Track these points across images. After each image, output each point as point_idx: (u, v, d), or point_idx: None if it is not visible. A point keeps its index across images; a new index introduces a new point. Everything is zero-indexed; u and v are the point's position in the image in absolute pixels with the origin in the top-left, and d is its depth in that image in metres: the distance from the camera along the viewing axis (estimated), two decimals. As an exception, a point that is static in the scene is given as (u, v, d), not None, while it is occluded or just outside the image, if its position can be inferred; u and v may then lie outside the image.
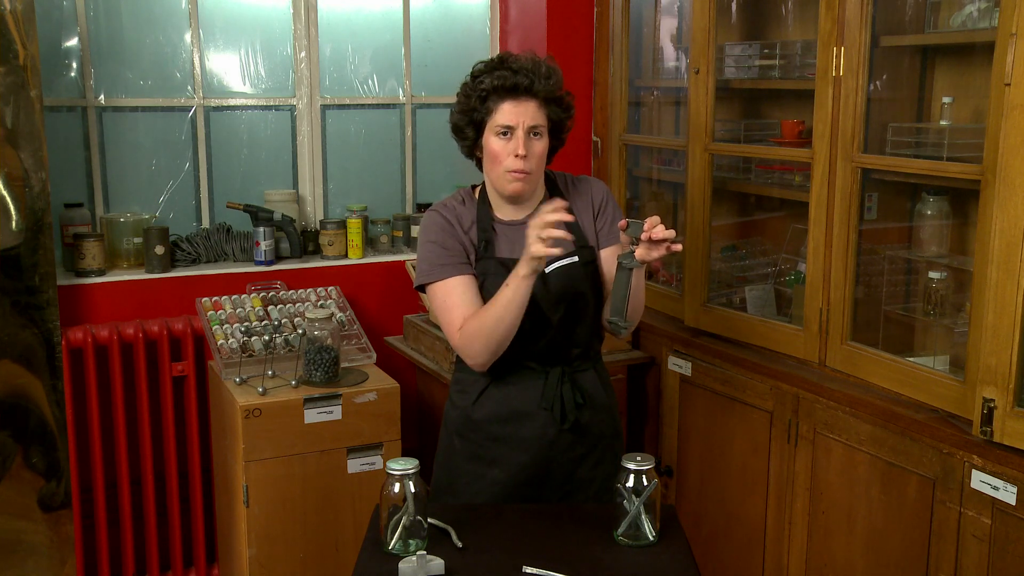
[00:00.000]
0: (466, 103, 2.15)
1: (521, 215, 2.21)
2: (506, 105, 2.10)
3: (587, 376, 2.25)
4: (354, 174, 3.79)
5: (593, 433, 2.24)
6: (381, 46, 3.77)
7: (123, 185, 3.44)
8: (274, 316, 3.19)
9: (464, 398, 2.24)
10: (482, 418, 2.22)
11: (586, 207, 2.26)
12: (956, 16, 2.51)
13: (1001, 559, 2.20)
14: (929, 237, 2.69)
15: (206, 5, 3.48)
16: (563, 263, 2.17)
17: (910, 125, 2.70)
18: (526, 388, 2.19)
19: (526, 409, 2.19)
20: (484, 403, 2.22)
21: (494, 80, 2.10)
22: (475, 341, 2.09)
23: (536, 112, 2.12)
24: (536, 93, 2.11)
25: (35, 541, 2.99)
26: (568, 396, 2.19)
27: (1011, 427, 2.16)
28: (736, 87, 3.29)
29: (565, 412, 2.18)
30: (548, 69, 2.15)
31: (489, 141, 2.14)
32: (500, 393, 2.20)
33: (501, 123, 2.10)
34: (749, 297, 3.14)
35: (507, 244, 2.20)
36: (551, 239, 1.93)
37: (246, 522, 2.81)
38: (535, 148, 2.13)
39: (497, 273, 2.14)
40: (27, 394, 2.93)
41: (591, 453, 2.25)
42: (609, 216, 2.26)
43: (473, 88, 2.13)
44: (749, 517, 2.94)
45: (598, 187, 2.30)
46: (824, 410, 2.65)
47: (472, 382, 2.23)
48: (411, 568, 1.76)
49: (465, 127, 2.18)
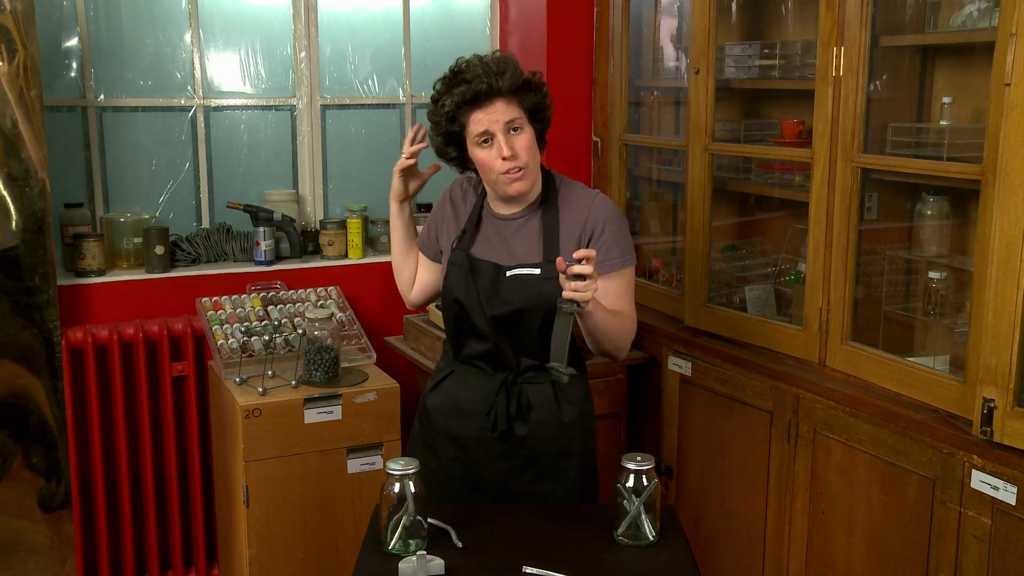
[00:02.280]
0: (438, 127, 2.14)
1: (515, 209, 2.19)
2: (475, 115, 2.07)
3: (538, 389, 2.18)
4: (354, 174, 3.79)
5: (532, 448, 2.19)
6: (381, 46, 3.78)
7: (123, 185, 3.45)
8: (274, 316, 3.19)
9: (429, 385, 2.31)
10: (432, 407, 2.27)
11: (575, 224, 2.15)
12: (956, 16, 2.51)
13: (1001, 559, 2.20)
14: (929, 237, 2.69)
15: (206, 5, 3.48)
16: (523, 271, 2.13)
17: (910, 125, 2.70)
18: (473, 388, 2.20)
19: (468, 408, 2.20)
20: (437, 393, 2.27)
21: (454, 98, 2.07)
22: (403, 286, 2.41)
23: (506, 108, 2.08)
24: (499, 91, 2.07)
25: (35, 541, 2.99)
26: (501, 407, 2.16)
27: (1011, 427, 2.16)
28: (736, 87, 3.29)
29: (497, 421, 2.17)
30: (498, 64, 2.09)
31: (474, 153, 2.12)
32: (451, 387, 2.24)
33: (477, 133, 2.08)
34: (749, 297, 3.14)
35: (489, 237, 2.20)
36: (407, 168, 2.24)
37: (246, 522, 2.81)
38: (520, 142, 2.09)
39: (461, 265, 2.17)
40: (27, 394, 2.93)
41: (530, 467, 2.20)
42: (598, 244, 2.12)
43: (438, 113, 2.12)
44: (749, 517, 2.94)
45: (600, 208, 2.15)
46: (824, 410, 2.65)
47: (437, 371, 2.31)
48: (411, 568, 1.76)
49: (447, 148, 2.17)
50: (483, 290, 2.14)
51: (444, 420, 2.24)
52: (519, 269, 2.14)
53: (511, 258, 2.16)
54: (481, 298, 2.14)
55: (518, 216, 2.19)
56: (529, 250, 2.17)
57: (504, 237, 2.19)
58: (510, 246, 2.18)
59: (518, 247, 2.17)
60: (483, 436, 2.19)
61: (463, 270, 2.17)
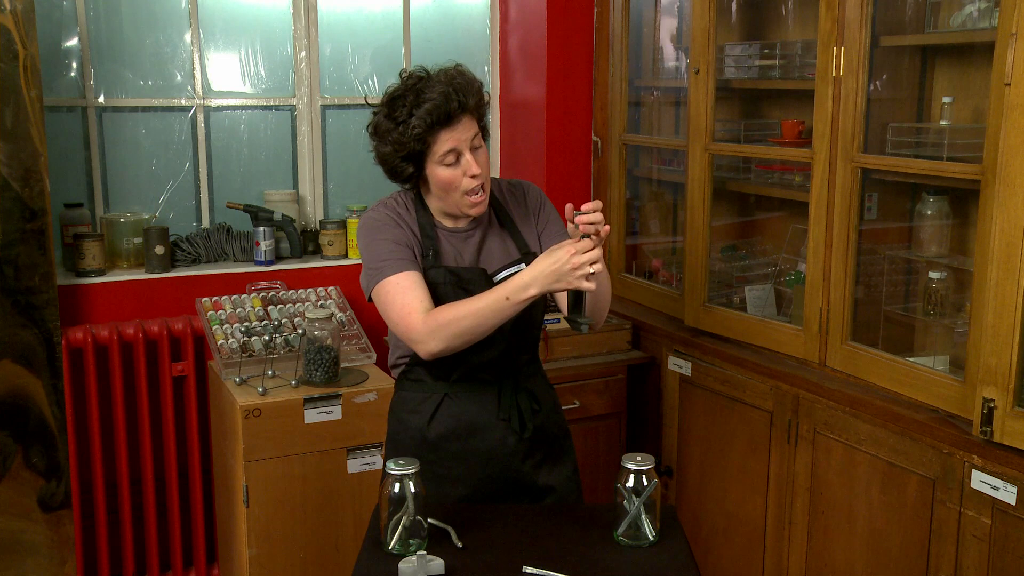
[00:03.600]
0: (401, 147, 2.01)
1: (463, 223, 2.15)
2: (443, 134, 1.99)
3: (536, 381, 2.23)
4: (354, 174, 3.79)
5: (548, 436, 2.23)
6: (381, 46, 3.78)
7: (123, 185, 3.45)
8: (274, 316, 3.19)
9: (417, 417, 2.16)
10: (439, 436, 2.14)
11: (525, 214, 2.21)
12: (956, 16, 2.51)
13: (1001, 559, 2.20)
14: (929, 237, 2.69)
15: (206, 5, 3.48)
16: (511, 271, 2.13)
17: (910, 125, 2.70)
18: (481, 400, 2.15)
19: (484, 422, 2.15)
20: (440, 420, 2.14)
21: (424, 118, 1.97)
22: (444, 330, 1.96)
23: (470, 124, 2.03)
24: (466, 109, 2.01)
25: (35, 541, 2.99)
26: (525, 405, 2.17)
27: (1011, 427, 2.17)
28: (736, 87, 3.29)
29: (524, 421, 2.16)
30: (462, 78, 2.02)
31: (435, 172, 2.03)
32: (456, 408, 2.14)
33: (443, 152, 2.00)
34: (749, 297, 3.14)
35: (452, 251, 2.14)
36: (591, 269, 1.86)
37: (246, 522, 2.81)
38: (482, 158, 2.06)
39: (447, 282, 2.08)
40: (27, 394, 2.93)
41: (548, 457, 2.22)
42: (547, 217, 2.21)
43: (405, 133, 1.99)
44: (749, 517, 2.94)
45: (532, 191, 2.25)
46: (824, 410, 2.65)
47: (422, 399, 2.15)
48: (411, 568, 1.76)
49: (404, 166, 2.05)
50: None
51: (458, 443, 2.15)
52: (505, 271, 2.13)
53: (488, 264, 2.15)
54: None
55: (469, 228, 2.16)
56: (503, 251, 2.16)
57: (467, 247, 2.15)
58: (478, 254, 2.16)
59: (487, 253, 2.16)
60: (506, 443, 2.16)
61: (449, 286, 2.08)
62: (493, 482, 2.17)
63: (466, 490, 2.17)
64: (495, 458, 2.16)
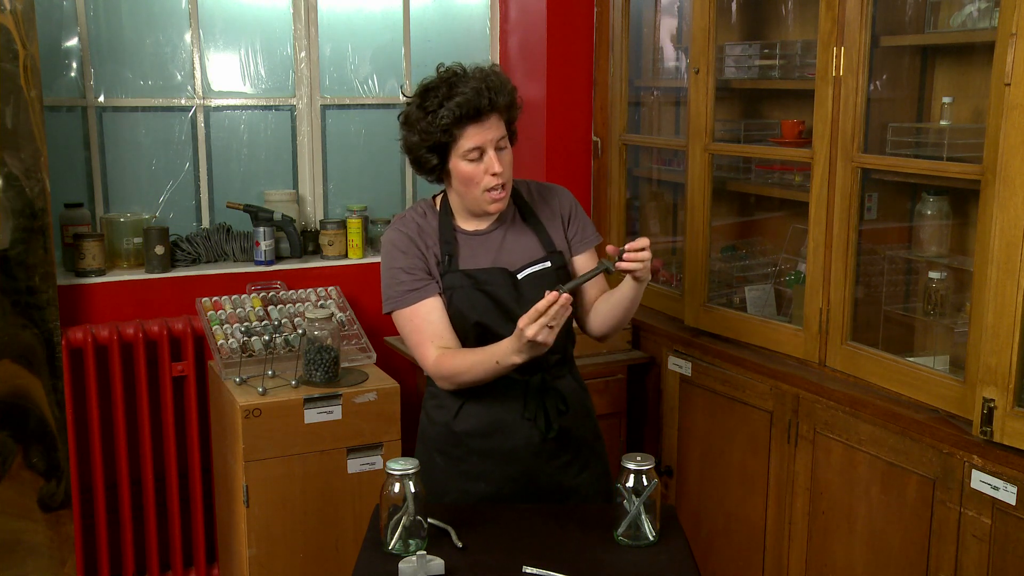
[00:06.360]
0: (427, 136, 2.03)
1: (484, 224, 2.17)
2: (470, 129, 2.02)
3: (565, 382, 2.21)
4: (354, 174, 3.79)
5: (576, 438, 2.21)
6: (381, 46, 3.78)
7: (123, 185, 3.45)
8: (274, 316, 3.19)
9: (443, 413, 2.18)
10: (464, 432, 2.16)
11: (553, 215, 2.23)
12: (956, 16, 2.51)
13: (1001, 559, 2.20)
14: (929, 237, 2.69)
15: (206, 5, 3.48)
16: (535, 269, 2.14)
17: (910, 125, 2.70)
18: (507, 399, 2.15)
19: (509, 420, 2.15)
20: (465, 416, 2.16)
21: (454, 110, 1.99)
22: (446, 378, 2.08)
23: (498, 124, 2.05)
24: (496, 107, 2.03)
25: (35, 541, 2.99)
26: (551, 405, 2.16)
27: (1011, 427, 2.17)
28: (736, 87, 3.29)
29: (550, 421, 2.15)
30: (497, 78, 2.05)
31: (458, 166, 2.06)
32: (481, 405, 2.15)
33: (468, 147, 2.03)
34: (749, 297, 3.14)
35: (470, 254, 2.15)
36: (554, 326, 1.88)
37: (246, 522, 2.81)
38: (506, 159, 2.08)
39: (463, 286, 2.10)
40: (27, 394, 2.93)
41: (576, 460, 2.22)
42: (580, 223, 2.24)
43: (432, 123, 2.01)
44: (749, 517, 2.94)
45: (565, 197, 2.26)
46: (824, 410, 2.65)
47: (449, 395, 2.18)
48: (411, 568, 1.76)
49: (429, 156, 2.07)
50: (505, 298, 2.10)
51: (483, 441, 2.16)
52: (529, 268, 2.14)
53: (510, 262, 2.15)
54: (505, 307, 2.10)
55: (491, 230, 2.17)
56: (525, 250, 2.16)
57: (487, 249, 2.16)
58: (498, 255, 2.16)
59: (508, 251, 2.16)
60: (531, 442, 2.15)
61: (467, 289, 2.10)
62: (517, 481, 2.17)
63: (490, 488, 2.17)
64: (519, 457, 2.16)
